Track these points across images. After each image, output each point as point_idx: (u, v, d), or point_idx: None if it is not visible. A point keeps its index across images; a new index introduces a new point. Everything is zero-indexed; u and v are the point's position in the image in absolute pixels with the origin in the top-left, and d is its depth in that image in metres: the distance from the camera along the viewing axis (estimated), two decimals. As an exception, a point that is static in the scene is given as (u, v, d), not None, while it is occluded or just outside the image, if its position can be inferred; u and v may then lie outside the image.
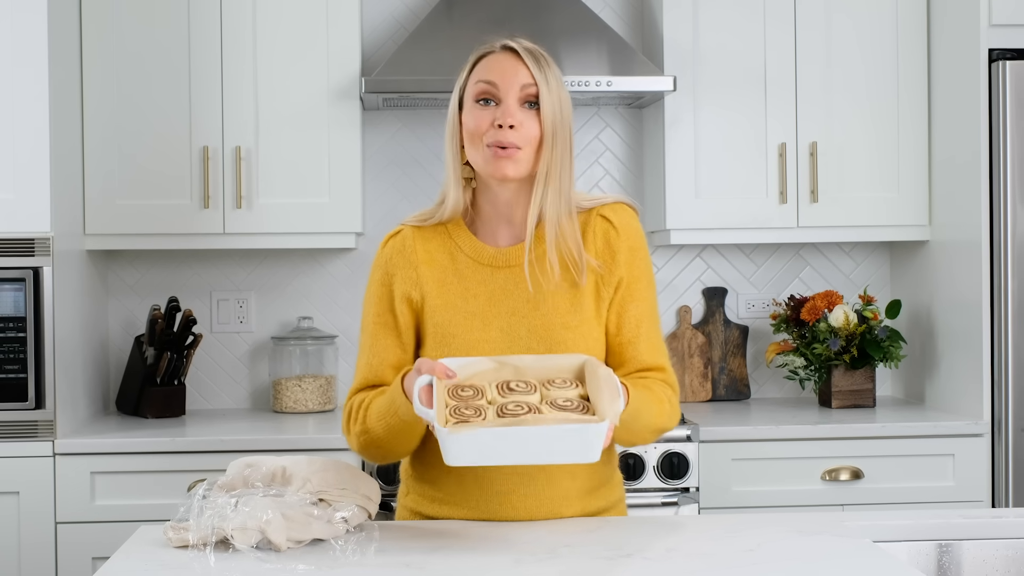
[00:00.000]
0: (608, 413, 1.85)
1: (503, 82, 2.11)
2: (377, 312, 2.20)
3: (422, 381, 1.93)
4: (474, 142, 2.12)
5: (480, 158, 2.12)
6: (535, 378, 2.00)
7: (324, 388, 3.83)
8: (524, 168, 2.11)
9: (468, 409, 1.90)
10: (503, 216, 2.19)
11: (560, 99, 2.12)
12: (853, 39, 3.74)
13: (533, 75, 2.11)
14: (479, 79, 2.13)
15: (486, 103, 2.12)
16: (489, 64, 2.14)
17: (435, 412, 1.86)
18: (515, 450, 1.83)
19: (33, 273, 3.24)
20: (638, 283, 2.18)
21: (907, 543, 2.09)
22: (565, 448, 1.84)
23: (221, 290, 3.98)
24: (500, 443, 1.82)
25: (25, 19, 3.23)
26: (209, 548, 1.88)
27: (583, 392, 1.98)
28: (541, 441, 1.82)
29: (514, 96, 2.10)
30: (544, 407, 1.91)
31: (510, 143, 2.08)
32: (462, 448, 1.82)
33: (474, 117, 2.12)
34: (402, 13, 4.01)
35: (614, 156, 4.06)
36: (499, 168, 2.09)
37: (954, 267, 3.62)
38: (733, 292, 4.09)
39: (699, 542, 2.00)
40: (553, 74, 2.13)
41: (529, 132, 2.10)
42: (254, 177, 3.61)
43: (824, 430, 3.45)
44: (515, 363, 2.01)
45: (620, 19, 4.04)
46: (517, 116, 2.09)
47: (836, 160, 3.73)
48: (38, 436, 3.25)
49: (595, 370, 1.96)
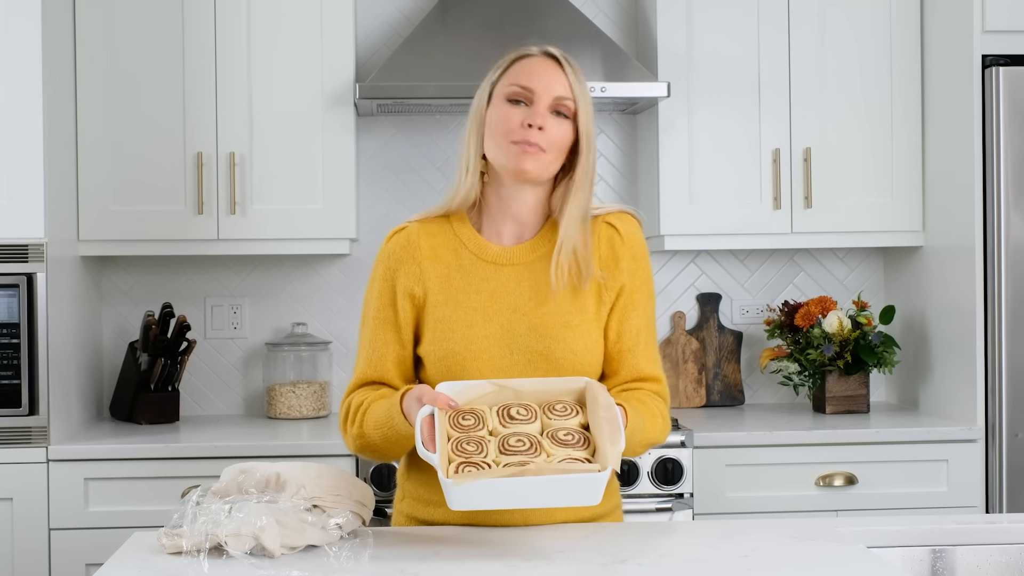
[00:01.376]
0: (610, 459, 1.87)
1: (539, 87, 2.13)
2: (378, 307, 2.21)
3: (424, 412, 1.95)
4: (497, 138, 2.14)
5: (502, 154, 2.14)
6: (535, 402, 2.01)
7: (318, 394, 3.83)
8: (544, 170, 2.14)
9: (470, 444, 1.91)
10: (509, 214, 2.21)
11: (591, 112, 2.17)
12: (847, 45, 3.75)
13: (572, 86, 2.15)
14: (515, 81, 2.15)
15: (517, 103, 2.14)
16: (528, 67, 2.16)
17: (438, 457, 1.88)
18: (518, 498, 1.87)
19: (27, 279, 3.24)
20: (640, 293, 2.21)
21: (901, 548, 2.09)
22: (568, 496, 1.88)
23: (215, 296, 3.97)
24: (503, 492, 1.85)
25: (19, 24, 3.23)
26: (203, 554, 1.88)
27: (583, 420, 1.99)
28: (544, 490, 1.86)
29: (546, 102, 2.13)
30: (545, 441, 1.93)
31: (536, 143, 2.11)
32: (465, 497, 1.85)
33: (503, 114, 2.14)
34: (396, 19, 4.01)
35: (608, 162, 4.06)
36: (522, 162, 2.12)
37: (948, 273, 3.62)
38: (727, 298, 4.09)
39: (693, 548, 2.00)
40: (585, 86, 2.17)
41: (555, 137, 2.13)
42: (248, 183, 3.60)
43: (818, 436, 3.45)
44: (515, 387, 2.03)
45: (614, 25, 4.04)
46: (548, 120, 2.12)
47: (830, 166, 3.74)
48: (31, 442, 3.25)
49: (595, 397, 1.97)
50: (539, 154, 2.12)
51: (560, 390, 2.04)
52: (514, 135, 2.12)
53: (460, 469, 1.87)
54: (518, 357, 2.13)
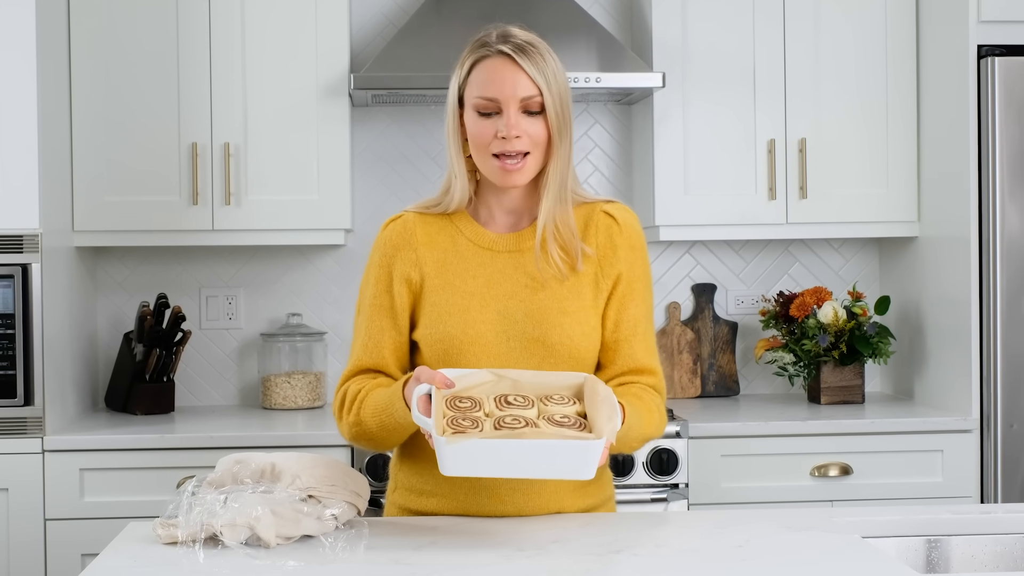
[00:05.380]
0: (605, 431, 1.86)
1: (503, 95, 2.11)
2: (375, 294, 2.20)
3: (420, 390, 1.94)
4: (480, 152, 2.14)
5: (486, 166, 2.14)
6: (533, 393, 2.01)
7: (313, 384, 3.83)
8: (532, 173, 2.15)
9: (466, 420, 1.90)
10: (504, 205, 2.21)
11: (561, 95, 2.14)
12: (842, 35, 3.74)
13: (534, 80, 2.11)
14: (480, 93, 2.12)
15: (488, 115, 2.13)
16: (489, 75, 2.13)
17: (433, 421, 1.86)
18: (511, 463, 1.85)
19: (22, 270, 3.23)
20: (638, 283, 2.20)
21: (896, 539, 2.10)
22: (561, 463, 1.85)
23: (210, 287, 3.97)
24: (496, 454, 1.83)
25: (13, 14, 3.22)
26: (198, 545, 1.88)
27: (580, 409, 1.98)
28: (537, 455, 1.84)
29: (515, 107, 2.11)
30: (541, 422, 1.92)
31: (516, 151, 2.11)
32: (457, 458, 1.83)
33: (478, 128, 2.13)
34: (391, 9, 4.00)
35: (603, 152, 4.06)
36: (506, 180, 2.13)
37: (943, 263, 3.62)
38: (722, 288, 4.10)
39: (688, 538, 2.01)
40: (550, 68, 2.13)
41: (534, 136, 2.12)
42: (243, 174, 3.60)
43: (813, 426, 3.45)
44: (514, 377, 2.02)
45: (609, 15, 4.04)
46: (520, 126, 2.11)
47: (825, 156, 3.74)
48: (27, 433, 3.25)
49: (594, 388, 1.97)
50: (521, 162, 2.11)
51: (560, 384, 2.03)
52: (493, 148, 2.11)
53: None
54: (515, 343, 2.13)
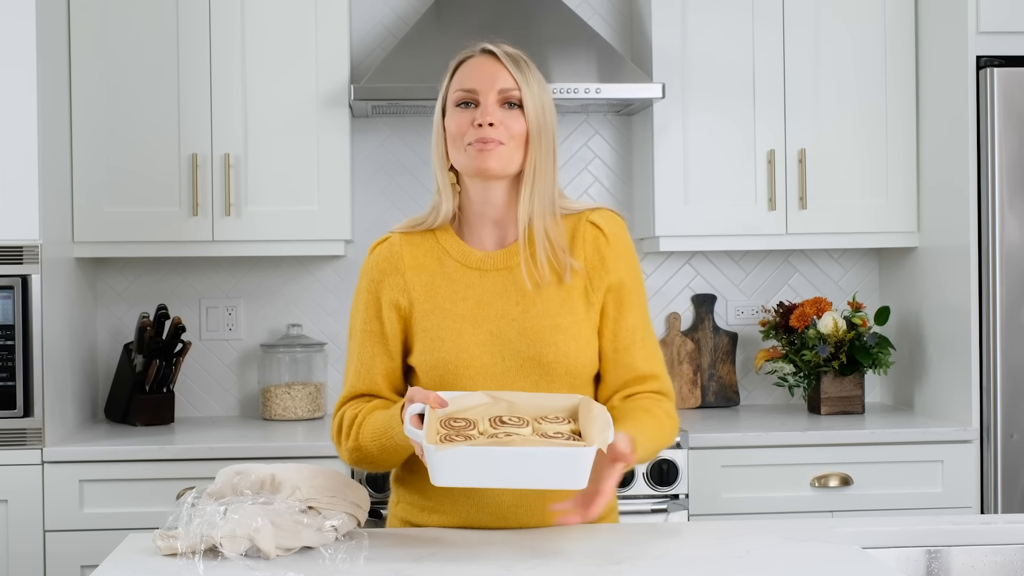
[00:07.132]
0: (596, 440, 1.85)
1: (482, 85, 2.12)
2: (364, 320, 2.20)
3: (413, 410, 1.94)
4: (456, 144, 2.13)
5: (463, 157, 2.13)
6: (528, 415, 2.00)
7: (313, 395, 3.83)
8: (508, 163, 2.12)
9: (458, 437, 1.89)
10: (489, 219, 2.19)
11: (542, 100, 2.15)
12: (842, 46, 3.75)
13: (514, 77, 2.13)
14: (460, 86, 2.15)
15: (466, 106, 2.13)
16: (468, 69, 2.16)
17: (424, 432, 1.86)
18: (501, 471, 1.84)
19: (21, 281, 3.23)
20: (632, 292, 2.19)
21: (896, 549, 2.09)
22: (552, 472, 1.84)
23: (210, 298, 3.97)
24: (486, 462, 1.83)
25: (13, 25, 3.22)
26: (198, 556, 1.87)
27: (575, 428, 1.97)
28: (528, 463, 1.83)
29: (493, 97, 2.12)
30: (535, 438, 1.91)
31: (492, 138, 2.10)
32: (447, 466, 1.82)
33: (456, 120, 2.13)
34: (391, 20, 4.01)
35: (603, 163, 4.06)
36: (482, 161, 2.10)
37: (943, 273, 3.62)
38: (722, 299, 4.10)
39: (689, 549, 2.01)
40: (534, 77, 2.15)
41: (511, 129, 2.12)
42: (243, 185, 3.60)
43: (813, 437, 3.45)
44: (510, 399, 2.01)
45: (609, 26, 4.04)
46: (496, 115, 2.11)
47: (825, 167, 3.74)
48: (26, 444, 3.24)
49: (588, 407, 1.96)
50: (498, 148, 2.10)
51: (555, 406, 2.02)
52: (468, 136, 2.11)
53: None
54: (510, 363, 2.12)
